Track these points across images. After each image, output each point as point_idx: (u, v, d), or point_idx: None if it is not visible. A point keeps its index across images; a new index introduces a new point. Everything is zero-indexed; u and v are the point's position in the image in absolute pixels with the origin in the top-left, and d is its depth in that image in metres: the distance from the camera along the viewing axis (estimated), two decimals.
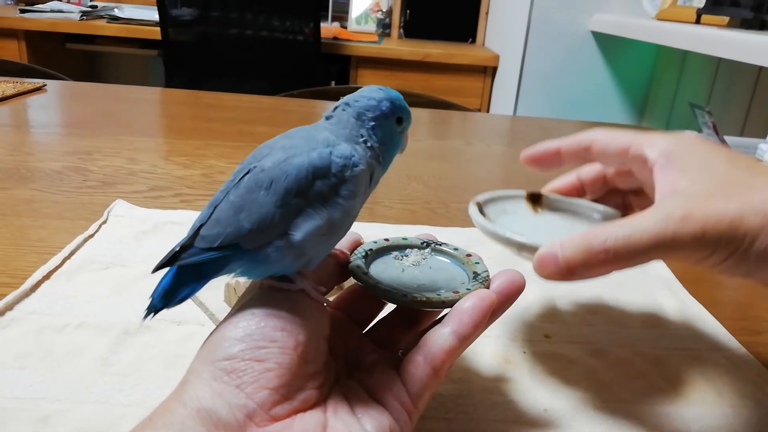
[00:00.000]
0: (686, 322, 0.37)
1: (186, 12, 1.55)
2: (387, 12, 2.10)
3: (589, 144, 0.29)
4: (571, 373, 0.31)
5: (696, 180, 0.24)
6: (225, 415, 0.19)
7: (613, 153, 0.28)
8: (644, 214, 0.23)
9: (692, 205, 0.23)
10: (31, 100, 0.82)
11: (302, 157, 0.22)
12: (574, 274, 0.23)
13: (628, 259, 0.23)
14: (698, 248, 0.22)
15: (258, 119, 0.83)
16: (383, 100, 0.25)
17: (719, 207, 0.22)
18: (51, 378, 0.27)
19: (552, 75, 1.60)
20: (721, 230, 0.22)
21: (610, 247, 0.22)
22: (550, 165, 0.31)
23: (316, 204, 0.22)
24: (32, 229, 0.43)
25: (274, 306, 0.22)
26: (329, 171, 0.22)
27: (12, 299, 0.33)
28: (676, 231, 0.22)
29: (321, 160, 0.22)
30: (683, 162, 0.25)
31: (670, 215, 0.22)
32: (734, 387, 0.31)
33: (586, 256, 0.23)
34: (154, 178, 0.56)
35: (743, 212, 0.22)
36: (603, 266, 0.23)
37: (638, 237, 0.22)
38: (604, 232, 0.23)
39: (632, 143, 0.27)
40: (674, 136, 0.27)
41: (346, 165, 0.22)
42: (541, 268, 0.24)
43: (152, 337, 0.31)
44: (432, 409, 0.27)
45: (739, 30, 1.07)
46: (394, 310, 0.28)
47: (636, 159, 0.27)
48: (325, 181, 0.22)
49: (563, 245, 0.23)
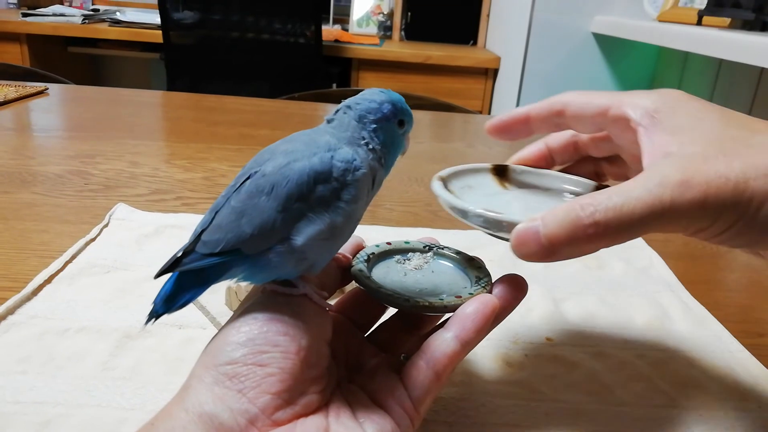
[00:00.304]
0: (688, 325, 0.37)
1: (187, 15, 1.56)
2: (388, 14, 2.11)
3: (561, 108, 0.26)
4: (572, 376, 0.31)
5: (689, 141, 0.22)
6: (227, 420, 0.19)
7: (590, 116, 0.25)
8: (636, 180, 0.21)
9: (691, 168, 0.20)
10: (33, 103, 0.82)
11: (303, 161, 0.22)
12: (558, 253, 0.20)
13: (621, 233, 0.20)
14: (699, 216, 0.20)
15: (259, 122, 0.83)
16: (385, 102, 0.24)
17: (721, 169, 0.20)
18: (52, 382, 0.27)
19: (553, 77, 1.60)
20: (725, 195, 0.20)
21: (599, 220, 0.20)
22: (519, 134, 0.28)
23: (318, 208, 0.22)
24: (34, 232, 0.43)
25: (276, 310, 0.22)
26: (330, 175, 0.22)
27: (14, 303, 0.33)
28: (675, 197, 0.20)
29: (322, 165, 0.22)
30: (672, 121, 0.23)
31: (666, 180, 0.20)
32: (737, 389, 0.31)
33: (572, 230, 0.20)
34: (155, 182, 0.56)
35: (747, 174, 0.20)
36: (592, 242, 0.20)
37: (632, 206, 0.20)
38: (591, 203, 0.20)
39: (611, 104, 0.25)
40: (658, 93, 0.24)
41: (347, 169, 0.22)
42: (520, 247, 0.21)
43: (154, 341, 0.31)
44: (433, 412, 0.27)
45: (740, 31, 1.07)
46: (396, 314, 0.28)
47: (616, 121, 0.25)
48: (326, 185, 0.22)
49: (545, 219, 0.21)
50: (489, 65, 1.84)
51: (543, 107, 0.27)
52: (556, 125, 0.27)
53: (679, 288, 0.41)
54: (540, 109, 0.27)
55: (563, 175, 0.29)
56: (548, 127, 0.28)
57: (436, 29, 2.10)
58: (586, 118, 0.26)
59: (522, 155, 0.31)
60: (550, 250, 0.20)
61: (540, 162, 0.30)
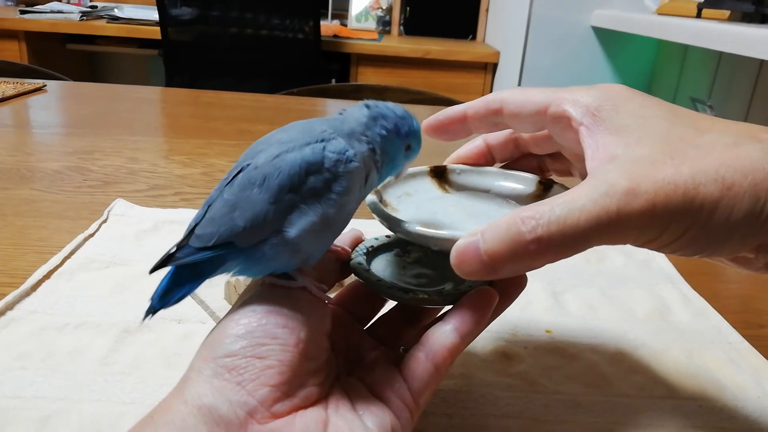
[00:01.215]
0: (688, 316, 0.37)
1: (186, 11, 1.55)
2: (387, 9, 2.10)
3: (498, 106, 0.25)
4: (572, 368, 0.31)
5: (635, 141, 0.20)
6: (226, 413, 0.19)
7: (528, 114, 0.24)
8: (580, 189, 0.19)
9: (638, 174, 0.19)
10: (31, 100, 0.82)
11: (295, 152, 0.21)
12: (500, 270, 0.19)
13: (565, 247, 0.19)
14: (648, 226, 0.19)
15: (258, 118, 0.83)
16: (406, 119, 0.24)
17: (669, 175, 0.19)
18: (52, 377, 0.27)
19: (553, 71, 1.59)
20: (675, 203, 0.18)
21: (542, 235, 0.18)
22: (456, 134, 0.27)
23: (310, 200, 0.21)
24: (33, 228, 0.43)
25: (275, 303, 0.22)
26: (322, 166, 0.22)
27: (12, 299, 0.33)
28: (621, 208, 0.18)
29: (314, 155, 0.22)
30: (616, 120, 0.21)
31: (612, 188, 0.19)
32: (736, 380, 0.31)
33: (513, 246, 0.19)
34: (154, 177, 0.56)
35: (697, 180, 0.19)
36: (534, 258, 0.19)
37: (575, 219, 0.18)
38: (533, 215, 0.19)
39: (550, 101, 0.23)
40: (598, 89, 0.23)
41: (339, 160, 0.22)
42: (461, 264, 0.20)
43: (153, 336, 0.31)
44: (433, 404, 0.27)
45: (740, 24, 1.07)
46: (396, 307, 0.28)
47: (556, 120, 0.23)
48: (318, 176, 0.21)
49: (485, 235, 0.19)
50: (488, 60, 1.84)
51: (480, 105, 0.26)
52: (495, 124, 0.26)
53: (678, 280, 0.41)
54: (477, 107, 0.26)
55: (505, 172, 0.28)
56: (487, 127, 0.27)
57: (435, 24, 2.10)
58: (524, 117, 0.25)
59: (460, 153, 0.29)
60: (492, 267, 0.19)
61: (480, 160, 0.29)
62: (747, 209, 0.19)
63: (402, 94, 1.07)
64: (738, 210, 0.19)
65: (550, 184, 0.27)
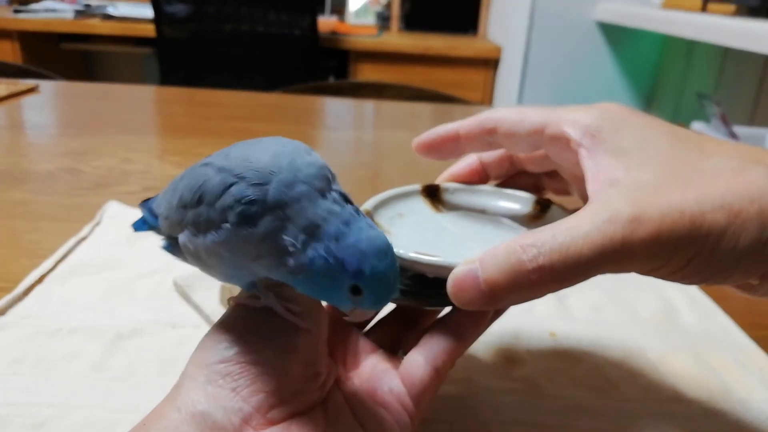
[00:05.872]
0: (695, 317, 0.36)
1: (180, 8, 1.54)
2: (386, 4, 2.08)
3: (493, 125, 0.24)
4: (576, 372, 0.30)
5: (637, 165, 0.20)
6: (220, 419, 0.19)
7: (524, 134, 0.24)
8: (582, 215, 0.18)
9: (642, 200, 0.18)
10: (24, 101, 0.81)
11: (211, 171, 0.19)
12: (500, 300, 0.18)
13: (569, 277, 0.18)
14: (653, 255, 0.18)
15: (255, 116, 0.82)
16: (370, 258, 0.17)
17: (674, 201, 0.18)
18: (45, 383, 0.27)
19: (556, 66, 1.58)
20: (681, 231, 0.18)
21: (544, 264, 0.18)
22: (449, 153, 0.26)
23: (192, 226, 0.20)
24: (25, 232, 0.42)
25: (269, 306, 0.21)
26: (214, 200, 0.18)
27: (5, 304, 0.32)
28: (626, 236, 0.18)
29: (214, 187, 0.19)
30: (616, 142, 0.21)
31: (616, 216, 0.18)
32: (743, 382, 0.30)
33: (514, 276, 0.18)
34: (148, 178, 0.55)
35: (703, 207, 0.18)
36: (536, 288, 0.18)
37: (578, 248, 0.18)
38: (534, 244, 0.18)
39: (547, 122, 0.23)
40: (597, 109, 0.22)
41: (231, 207, 0.18)
42: (459, 294, 0.19)
43: (146, 341, 0.31)
44: (434, 410, 0.27)
45: (746, 18, 1.06)
46: (394, 310, 0.27)
47: (554, 140, 0.23)
48: (205, 208, 0.19)
49: (484, 263, 0.18)
50: (490, 55, 1.82)
51: (473, 125, 0.25)
52: (489, 144, 0.25)
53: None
54: (470, 126, 0.25)
55: (500, 191, 0.27)
56: (480, 146, 0.26)
57: (435, 19, 2.08)
58: (520, 137, 0.24)
59: (453, 171, 0.28)
60: (492, 297, 0.18)
61: (473, 178, 0.28)
62: (754, 237, 0.18)
63: (402, 91, 1.06)
64: (745, 238, 0.18)
65: (547, 204, 0.26)
